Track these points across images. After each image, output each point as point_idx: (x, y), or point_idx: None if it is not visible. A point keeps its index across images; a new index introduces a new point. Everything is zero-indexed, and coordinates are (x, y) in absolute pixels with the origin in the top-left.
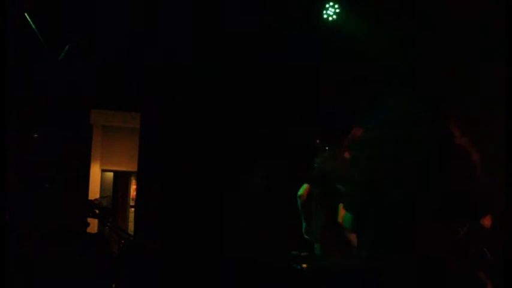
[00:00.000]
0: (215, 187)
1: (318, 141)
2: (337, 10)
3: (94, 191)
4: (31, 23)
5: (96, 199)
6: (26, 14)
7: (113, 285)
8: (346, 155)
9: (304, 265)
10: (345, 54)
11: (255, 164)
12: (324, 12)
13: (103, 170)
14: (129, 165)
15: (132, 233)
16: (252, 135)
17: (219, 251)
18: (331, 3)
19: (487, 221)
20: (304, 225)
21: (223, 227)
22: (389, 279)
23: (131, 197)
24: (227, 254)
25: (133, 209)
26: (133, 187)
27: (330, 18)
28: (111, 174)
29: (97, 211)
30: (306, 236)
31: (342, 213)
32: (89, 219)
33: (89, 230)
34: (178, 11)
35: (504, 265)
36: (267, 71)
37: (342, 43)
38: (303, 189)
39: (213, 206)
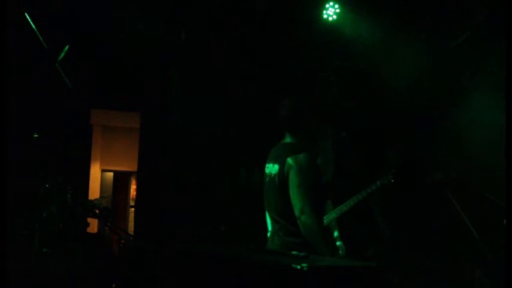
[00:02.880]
0: (215, 186)
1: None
2: (337, 10)
3: (94, 191)
4: (31, 23)
5: (96, 199)
6: (26, 14)
7: (113, 285)
8: None
9: (304, 265)
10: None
11: (255, 163)
12: (324, 12)
13: (103, 170)
14: (129, 165)
15: (132, 233)
16: (252, 134)
17: (218, 250)
18: (331, 3)
19: None
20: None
21: (223, 227)
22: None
23: (131, 197)
24: (226, 253)
25: (133, 209)
26: (133, 187)
27: (330, 18)
28: (111, 174)
29: (97, 211)
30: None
31: None
32: (89, 219)
33: (89, 230)
34: (177, 11)
35: (504, 265)
36: (266, 71)
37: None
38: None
39: (212, 205)
